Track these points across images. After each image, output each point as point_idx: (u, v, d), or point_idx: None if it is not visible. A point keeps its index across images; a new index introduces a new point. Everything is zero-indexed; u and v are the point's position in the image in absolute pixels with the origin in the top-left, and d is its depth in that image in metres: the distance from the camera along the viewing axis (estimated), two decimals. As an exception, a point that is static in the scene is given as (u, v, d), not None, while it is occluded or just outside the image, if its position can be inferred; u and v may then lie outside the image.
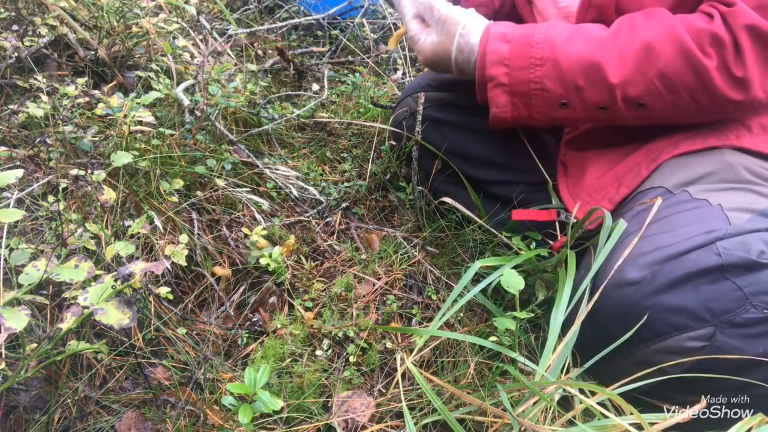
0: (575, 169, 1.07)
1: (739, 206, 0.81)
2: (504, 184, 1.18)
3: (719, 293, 0.72)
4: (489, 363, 0.94)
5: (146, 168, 1.07)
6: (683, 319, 0.73)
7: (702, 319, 0.72)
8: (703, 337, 0.72)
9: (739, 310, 0.71)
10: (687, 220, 0.80)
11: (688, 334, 0.73)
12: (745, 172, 0.87)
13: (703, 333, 0.72)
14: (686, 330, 0.73)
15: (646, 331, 0.75)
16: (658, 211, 0.83)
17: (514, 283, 0.84)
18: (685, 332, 0.73)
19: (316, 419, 0.86)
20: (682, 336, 0.73)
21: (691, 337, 0.73)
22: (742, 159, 0.89)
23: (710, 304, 0.72)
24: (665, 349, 0.75)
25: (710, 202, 0.82)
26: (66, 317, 0.72)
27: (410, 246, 1.18)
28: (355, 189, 1.30)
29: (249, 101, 1.39)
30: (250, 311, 1.05)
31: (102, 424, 0.82)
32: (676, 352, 0.74)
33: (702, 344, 0.73)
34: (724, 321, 0.72)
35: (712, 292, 0.72)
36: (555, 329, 0.80)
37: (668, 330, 0.74)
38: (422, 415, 0.86)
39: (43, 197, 1.01)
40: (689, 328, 0.73)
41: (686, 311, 0.73)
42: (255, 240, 1.08)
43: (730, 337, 0.72)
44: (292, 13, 1.96)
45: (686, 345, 0.74)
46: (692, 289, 0.73)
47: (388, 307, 1.06)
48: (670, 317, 0.73)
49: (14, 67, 1.27)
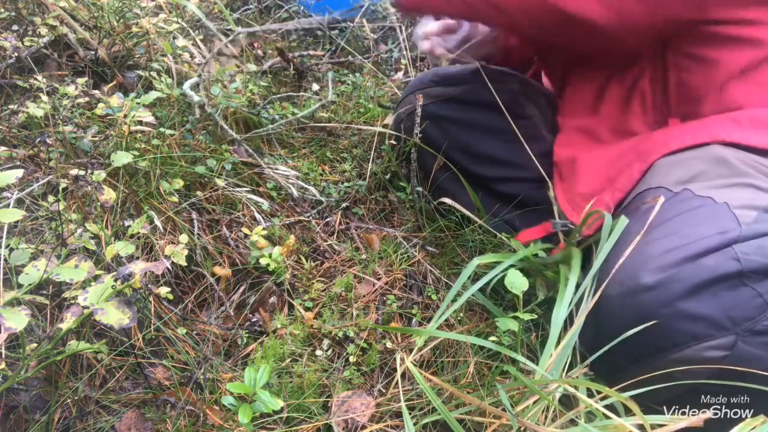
0: (568, 172, 1.06)
1: (744, 203, 0.78)
2: (508, 181, 1.17)
3: (739, 300, 0.69)
4: (489, 363, 0.94)
5: (146, 168, 1.07)
6: (703, 328, 0.70)
7: (723, 327, 0.69)
8: (723, 347, 0.70)
9: (760, 317, 0.69)
10: (695, 220, 0.77)
11: (709, 343, 0.70)
12: (740, 164, 0.85)
13: (723, 342, 0.70)
14: (706, 339, 0.70)
15: (664, 340, 0.72)
16: (663, 212, 0.81)
17: (518, 284, 0.84)
18: (705, 341, 0.70)
19: (316, 419, 0.86)
20: (702, 345, 0.71)
21: (711, 347, 0.70)
22: (734, 152, 0.87)
23: (731, 312, 0.69)
24: (684, 359, 0.72)
25: (715, 200, 0.79)
26: (66, 317, 0.72)
27: (410, 246, 1.18)
28: (355, 189, 1.30)
29: (249, 101, 1.39)
30: (250, 311, 1.05)
31: (102, 424, 0.82)
32: (696, 361, 0.72)
33: (723, 354, 0.70)
34: (745, 329, 0.69)
35: (732, 299, 0.70)
36: (556, 327, 0.80)
37: (687, 339, 0.71)
38: (422, 415, 0.86)
39: (43, 197, 1.01)
40: (710, 337, 0.70)
41: (706, 319, 0.70)
42: (255, 240, 1.08)
43: (751, 346, 0.70)
44: (292, 13, 1.96)
45: (706, 355, 0.71)
46: (711, 295, 0.70)
47: (388, 307, 1.06)
48: (690, 326, 0.70)
49: (14, 67, 1.27)
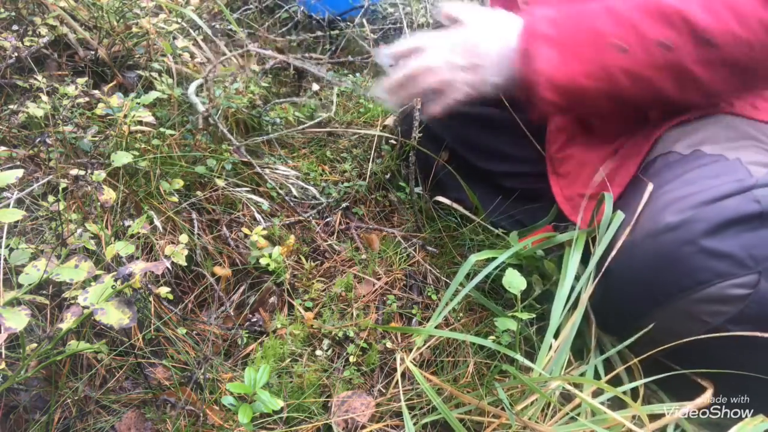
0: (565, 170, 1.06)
1: (754, 161, 0.79)
2: (512, 176, 1.17)
3: (761, 240, 0.70)
4: (488, 362, 0.94)
5: (146, 168, 1.07)
6: (727, 266, 0.70)
7: (745, 266, 0.69)
8: (747, 285, 0.70)
9: None
10: (710, 172, 0.77)
11: (732, 281, 0.70)
12: (749, 128, 0.86)
13: (747, 280, 0.70)
14: (730, 277, 0.70)
15: (687, 279, 0.72)
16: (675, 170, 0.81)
17: (516, 283, 0.83)
18: (729, 279, 0.70)
19: (316, 419, 0.86)
20: (725, 283, 0.70)
21: (735, 284, 0.70)
22: (741, 121, 0.87)
23: (753, 251, 0.69)
24: (707, 298, 0.72)
25: (727, 157, 0.80)
26: (66, 317, 0.72)
27: (410, 246, 1.18)
28: (355, 189, 1.30)
29: (250, 102, 1.39)
30: (250, 311, 1.05)
31: (102, 424, 0.82)
32: (719, 300, 0.71)
33: (747, 291, 0.70)
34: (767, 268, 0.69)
35: (755, 238, 0.70)
36: (555, 321, 0.80)
37: (711, 277, 0.71)
38: (422, 415, 0.86)
39: (43, 197, 1.01)
40: (733, 275, 0.70)
41: (730, 257, 0.70)
42: (255, 240, 1.08)
43: None
44: (292, 13, 1.96)
45: (730, 293, 0.70)
46: (734, 235, 0.70)
47: (388, 307, 1.06)
48: (713, 264, 0.70)
49: (14, 67, 1.27)
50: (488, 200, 1.18)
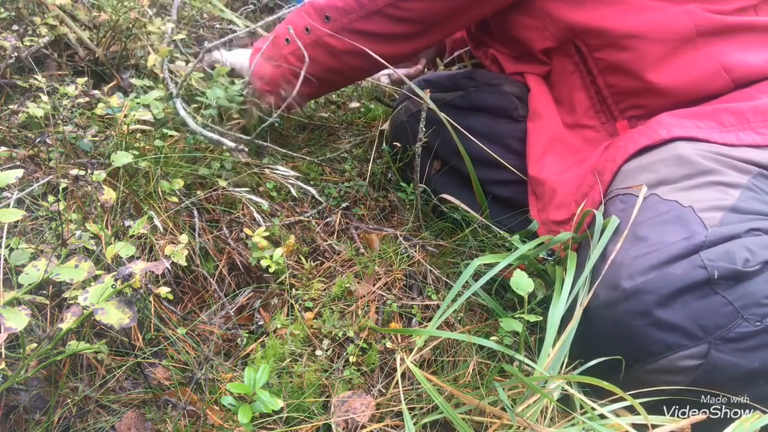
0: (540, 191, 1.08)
1: (709, 205, 0.80)
2: (502, 184, 1.17)
3: (710, 309, 0.71)
4: (489, 363, 0.94)
5: (146, 168, 1.07)
6: (677, 338, 0.72)
7: (695, 336, 0.71)
8: (697, 355, 0.72)
9: (732, 325, 0.70)
10: (663, 227, 0.79)
11: (682, 353, 0.72)
12: (705, 160, 0.86)
13: (697, 351, 0.71)
14: (680, 349, 0.72)
15: (640, 351, 0.74)
16: (628, 217, 0.83)
17: (523, 284, 0.83)
18: (678, 351, 0.72)
19: (316, 419, 0.86)
20: (676, 355, 0.72)
21: (685, 356, 0.72)
22: (695, 147, 0.88)
23: (702, 321, 0.71)
24: (660, 369, 0.74)
25: (681, 204, 0.81)
26: (66, 317, 0.72)
27: (410, 246, 1.18)
28: (355, 189, 1.30)
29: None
30: (250, 312, 1.05)
31: (102, 424, 0.82)
32: (671, 372, 0.74)
33: (697, 362, 0.72)
34: (718, 337, 0.71)
35: (703, 308, 0.71)
36: (553, 326, 0.80)
37: (662, 350, 0.73)
38: (422, 415, 0.86)
39: (43, 197, 1.01)
40: (683, 347, 0.72)
41: (679, 329, 0.72)
42: (256, 241, 1.08)
43: (724, 353, 0.71)
44: (292, 13, 1.96)
45: (681, 364, 0.73)
46: (682, 305, 0.72)
47: (388, 307, 1.06)
48: (664, 336, 0.72)
49: (14, 67, 1.27)
50: (477, 208, 1.18)
